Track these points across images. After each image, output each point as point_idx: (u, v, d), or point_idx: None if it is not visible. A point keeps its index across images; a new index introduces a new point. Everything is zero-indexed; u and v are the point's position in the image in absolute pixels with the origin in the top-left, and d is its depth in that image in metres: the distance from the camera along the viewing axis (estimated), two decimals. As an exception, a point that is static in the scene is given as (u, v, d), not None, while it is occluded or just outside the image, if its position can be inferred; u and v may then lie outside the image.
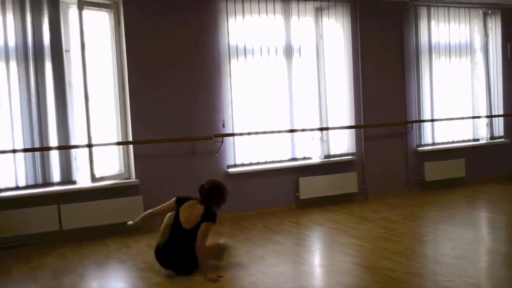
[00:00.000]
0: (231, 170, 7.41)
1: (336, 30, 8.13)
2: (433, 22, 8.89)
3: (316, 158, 8.02)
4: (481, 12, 9.45)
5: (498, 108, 9.69)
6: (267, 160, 7.71)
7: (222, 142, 7.30)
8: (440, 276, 4.70)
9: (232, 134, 7.40)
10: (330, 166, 8.06)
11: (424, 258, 5.41)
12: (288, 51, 7.78)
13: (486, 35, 9.54)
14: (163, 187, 6.98)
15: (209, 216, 5.02)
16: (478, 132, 9.54)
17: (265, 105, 7.66)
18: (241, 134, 7.45)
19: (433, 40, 8.91)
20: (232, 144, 7.48)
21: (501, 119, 9.76)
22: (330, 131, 8.08)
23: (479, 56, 9.50)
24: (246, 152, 7.58)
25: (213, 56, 7.30)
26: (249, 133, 7.50)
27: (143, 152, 6.93)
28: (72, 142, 6.58)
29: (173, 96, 7.09)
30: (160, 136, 6.97)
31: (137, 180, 6.87)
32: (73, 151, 6.63)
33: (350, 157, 8.25)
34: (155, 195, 6.92)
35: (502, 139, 9.77)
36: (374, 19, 8.37)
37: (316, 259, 5.70)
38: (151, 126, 6.94)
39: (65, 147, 6.52)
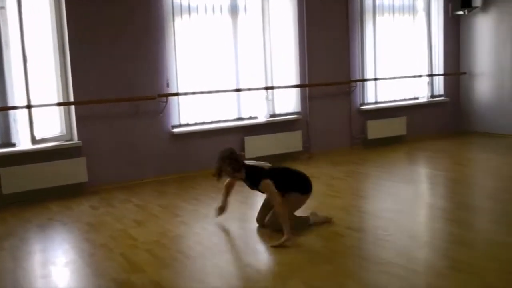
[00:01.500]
0: (176, 130, 7.37)
1: (281, -11, 8.10)
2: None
3: (261, 117, 8.06)
4: (423, -29, 9.58)
5: (439, 67, 9.93)
6: (213, 120, 7.70)
7: (166, 102, 7.23)
8: (380, 230, 4.85)
9: (177, 94, 7.33)
10: (275, 125, 8.13)
11: (364, 213, 5.57)
12: (234, 10, 7.71)
13: (428, -6, 9.70)
14: (107, 149, 6.91)
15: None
16: (419, 91, 9.77)
17: (210, 64, 7.61)
18: (185, 93, 7.40)
19: (377, 0, 8.98)
20: (177, 104, 7.42)
21: (442, 78, 10.01)
22: (275, 90, 8.11)
23: (422, 15, 9.65)
24: (191, 112, 7.54)
25: (157, 15, 7.14)
26: (194, 93, 7.44)
27: (85, 114, 6.79)
28: (10, 104, 6.38)
29: (115, 56, 6.93)
30: (102, 96, 6.83)
31: (79, 141, 6.74)
32: (11, 112, 6.43)
33: (295, 116, 8.33)
34: (99, 157, 6.87)
35: (442, 98, 10.05)
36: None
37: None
38: (93, 87, 6.79)
39: (2, 109, 6.32)
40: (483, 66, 9.88)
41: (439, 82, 10.04)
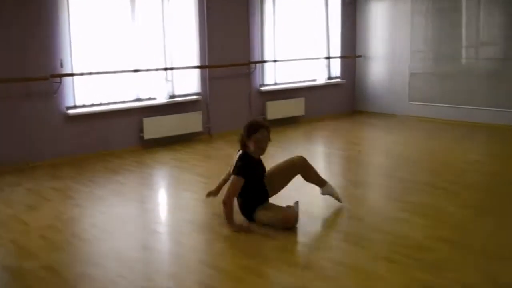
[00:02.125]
0: (70, 111, 7.09)
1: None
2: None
3: (161, 98, 7.94)
4: (320, -45, 9.76)
5: (336, 50, 10.20)
6: (110, 101, 7.48)
7: (60, 82, 6.94)
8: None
9: (72, 74, 7.04)
10: (175, 106, 8.04)
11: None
12: (132, -13, 7.51)
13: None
14: (-4, 131, 6.56)
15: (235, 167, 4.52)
16: (317, 73, 9.99)
17: (107, 44, 7.35)
18: (81, 74, 7.12)
19: (276, -18, 9.08)
20: (72, 85, 7.13)
21: (338, 60, 10.31)
22: (175, 71, 8.00)
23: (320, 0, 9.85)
24: (87, 93, 7.27)
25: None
26: (90, 73, 7.18)
27: (-29, 93, 6.41)
28: None
29: (5, 35, 6.53)
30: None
31: (-34, 123, 6.36)
32: None
33: (195, 97, 8.27)
34: (-13, 139, 6.50)
35: (339, 80, 10.35)
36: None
37: (160, 197, 5.74)
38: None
39: None
40: (377, 50, 10.28)
41: (336, 65, 10.32)
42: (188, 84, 8.23)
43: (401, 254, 3.82)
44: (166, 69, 7.86)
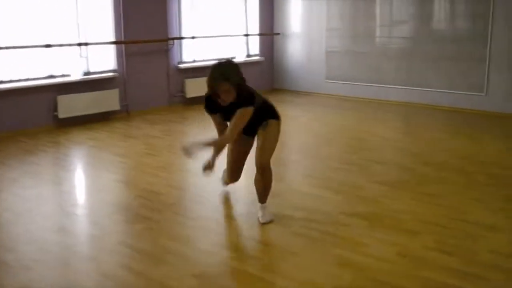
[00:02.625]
0: (-22, 89, 6.80)
1: None
2: None
3: (75, 75, 7.70)
4: None
5: (254, 27, 10.24)
6: (21, 78, 7.19)
7: (-34, 58, 6.62)
8: (198, 188, 4.98)
9: (-22, 49, 6.73)
10: (90, 84, 7.83)
11: (184, 171, 5.67)
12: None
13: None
14: None
15: (244, 98, 3.98)
16: (236, 50, 10.01)
17: (16, 16, 7.02)
18: (-11, 49, 6.81)
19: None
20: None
21: (257, 38, 10.36)
22: (89, 46, 7.78)
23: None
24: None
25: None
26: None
27: None
28: None
29: None
30: None
31: None
32: None
33: (111, 74, 8.10)
34: None
35: (257, 57, 10.42)
36: None
37: (77, 178, 5.62)
38: None
39: None
40: (295, 28, 10.41)
41: (254, 42, 10.37)
42: (104, 60, 8.03)
43: (317, 230, 3.95)
44: (80, 44, 7.63)
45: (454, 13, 8.45)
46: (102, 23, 7.89)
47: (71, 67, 7.64)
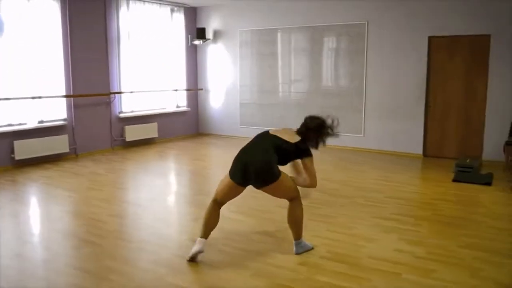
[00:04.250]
0: None
1: (46, 9, 7.49)
2: (131, 11, 8.86)
3: (31, 123, 7.38)
4: (169, 8, 9.77)
5: (182, 83, 10.25)
6: (-19, 126, 6.83)
7: None
8: (136, 216, 4.86)
9: None
10: (43, 130, 7.52)
11: (124, 202, 5.52)
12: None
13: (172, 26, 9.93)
14: None
15: (304, 150, 3.75)
16: (167, 102, 9.96)
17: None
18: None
19: (131, 27, 8.89)
20: None
21: (184, 92, 10.36)
22: (43, 99, 7.49)
23: (169, 41, 9.80)
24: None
25: None
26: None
27: None
28: None
29: None
30: None
31: None
32: None
33: (62, 122, 7.82)
34: None
35: (185, 108, 10.41)
36: (81, 9, 7.96)
37: (31, 211, 5.34)
38: None
39: None
40: (214, 84, 10.51)
41: (182, 95, 10.37)
42: (56, 110, 7.76)
43: (234, 247, 3.95)
44: (34, 98, 7.34)
45: (338, 74, 8.85)
46: (54, 79, 7.64)
47: (27, 116, 7.32)
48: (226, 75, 10.28)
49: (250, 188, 5.79)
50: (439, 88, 7.92)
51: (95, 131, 8.40)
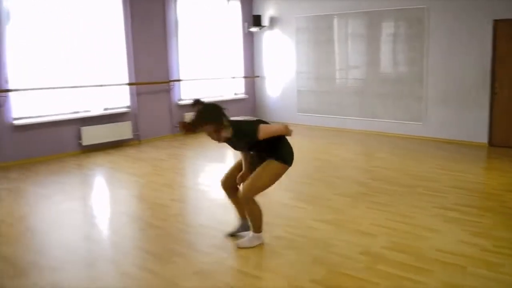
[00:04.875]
0: (17, 122, 6.69)
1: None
2: (189, 0, 8.95)
3: (96, 110, 7.65)
4: (226, -4, 9.81)
5: (240, 71, 10.28)
6: (52, 113, 7.12)
7: (6, 96, 6.53)
8: (196, 201, 4.94)
9: (17, 90, 6.64)
10: (108, 117, 7.79)
11: (184, 187, 5.62)
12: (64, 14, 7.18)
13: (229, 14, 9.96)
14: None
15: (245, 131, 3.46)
16: (225, 89, 10.03)
17: (50, 64, 6.99)
18: (26, 89, 6.73)
19: (191, 15, 8.99)
20: (19, 99, 6.71)
21: (242, 79, 10.39)
22: (108, 87, 7.74)
23: (226, 29, 9.85)
24: (32, 105, 6.88)
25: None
26: (34, 89, 6.81)
27: None
28: None
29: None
30: None
31: None
32: None
33: (125, 109, 8.06)
34: None
35: (243, 95, 10.44)
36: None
37: (98, 194, 5.54)
38: None
39: None
40: (271, 71, 10.48)
41: (240, 83, 10.41)
42: (120, 98, 8.00)
43: (294, 234, 3.94)
44: (99, 86, 7.59)
45: (396, 60, 8.58)
46: (118, 68, 7.87)
47: (93, 103, 7.60)
48: (282, 62, 10.21)
49: (309, 175, 5.75)
50: (506, 74, 7.50)
51: (156, 117, 8.61)
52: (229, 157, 7.42)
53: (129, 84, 8.05)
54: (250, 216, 3.67)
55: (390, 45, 8.59)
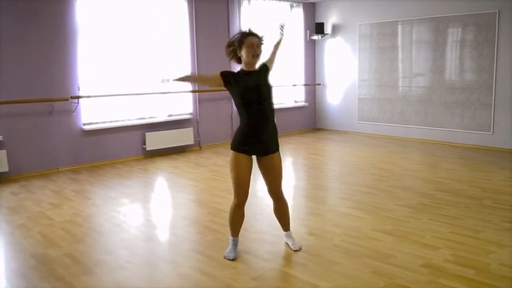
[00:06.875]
0: (86, 127, 7.04)
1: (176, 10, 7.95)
2: (252, 8, 9.07)
3: (160, 116, 7.91)
4: (288, 4, 9.84)
5: (300, 79, 10.27)
6: (119, 119, 7.44)
7: (78, 103, 6.89)
8: (255, 207, 4.96)
9: (88, 96, 7.00)
10: (171, 123, 8.02)
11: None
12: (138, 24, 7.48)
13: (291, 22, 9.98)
14: (26, 143, 6.47)
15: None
16: (286, 97, 10.05)
17: (118, 69, 7.30)
18: (95, 96, 7.08)
19: (252, 24, 9.09)
20: (89, 105, 7.07)
21: (302, 87, 10.38)
22: (172, 95, 7.98)
23: (288, 37, 9.85)
24: (100, 111, 7.22)
25: (67, 21, 6.76)
26: (103, 96, 7.14)
27: (5, 112, 6.30)
28: None
29: (35, 64, 6.48)
30: (22, 97, 6.37)
31: (0, 136, 6.25)
32: None
33: (187, 115, 8.27)
34: (18, 150, 6.43)
35: (303, 103, 10.42)
36: (206, 7, 8.33)
37: (160, 198, 5.71)
38: (12, 88, 6.31)
39: None
40: (332, 79, 10.39)
41: (300, 91, 10.39)
42: (183, 105, 8.22)
43: (353, 243, 3.87)
44: (163, 93, 7.84)
45: (463, 67, 8.26)
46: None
47: (157, 110, 7.85)
48: (344, 70, 10.09)
49: (369, 185, 5.64)
50: None
51: (216, 124, 8.76)
52: (288, 165, 7.40)
53: (192, 91, 8.25)
54: (287, 212, 3.86)
55: (457, 51, 8.28)
